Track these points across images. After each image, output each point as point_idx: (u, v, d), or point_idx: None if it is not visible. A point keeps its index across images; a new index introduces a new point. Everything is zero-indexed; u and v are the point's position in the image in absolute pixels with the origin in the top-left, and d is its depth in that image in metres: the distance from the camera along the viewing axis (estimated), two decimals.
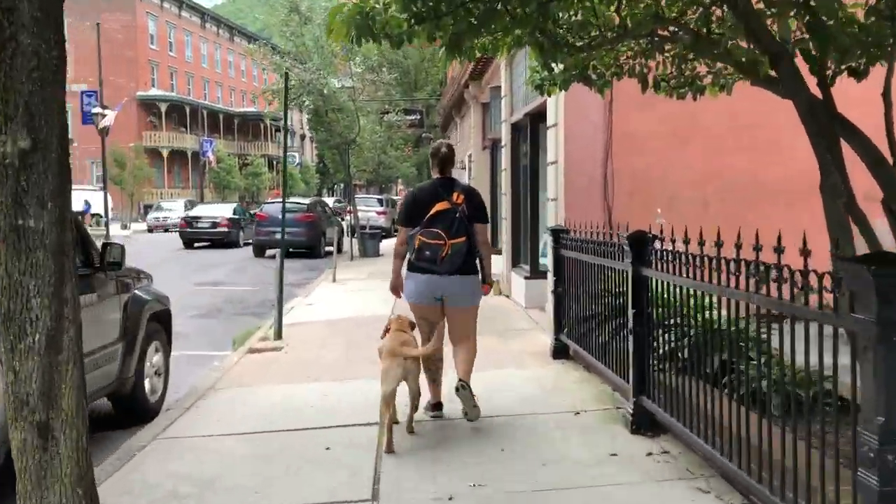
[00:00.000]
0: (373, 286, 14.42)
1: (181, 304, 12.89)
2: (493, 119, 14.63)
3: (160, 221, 42.88)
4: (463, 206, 5.26)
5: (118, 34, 55.52)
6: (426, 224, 5.18)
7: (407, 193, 6.19)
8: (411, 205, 5.41)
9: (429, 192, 5.37)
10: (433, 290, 5.27)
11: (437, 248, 5.12)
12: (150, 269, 7.81)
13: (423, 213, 5.22)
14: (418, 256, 5.20)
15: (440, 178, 5.47)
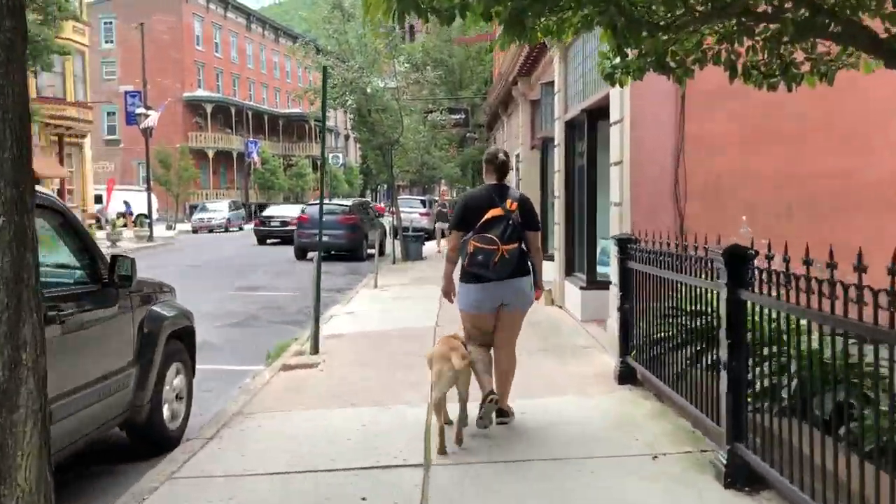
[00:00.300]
0: (416, 293, 13.74)
1: (216, 313, 12.40)
2: (544, 117, 13.84)
3: (204, 222, 42.87)
4: (516, 214, 5.26)
5: (164, 35, 55.88)
6: (479, 229, 5.17)
7: (459, 198, 6.04)
8: (464, 210, 5.38)
9: (482, 198, 5.36)
10: (492, 298, 5.32)
11: (490, 252, 5.10)
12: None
13: (476, 219, 5.22)
14: (471, 261, 5.19)
15: (494, 184, 5.43)
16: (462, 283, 5.41)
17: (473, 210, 5.28)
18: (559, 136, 11.00)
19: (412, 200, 35.26)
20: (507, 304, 5.37)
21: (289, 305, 13.43)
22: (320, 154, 8.89)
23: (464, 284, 5.38)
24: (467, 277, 5.34)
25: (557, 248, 11.11)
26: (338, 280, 17.42)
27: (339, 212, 22.35)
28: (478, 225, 5.18)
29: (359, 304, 12.63)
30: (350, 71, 19.53)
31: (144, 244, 29.25)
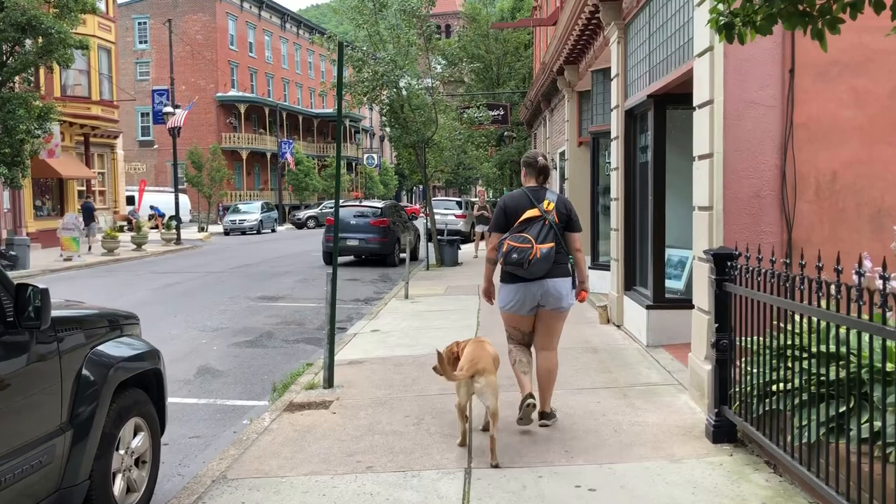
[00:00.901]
0: (451, 305, 12.30)
1: (229, 328, 11.10)
2: (595, 109, 12.31)
3: (236, 224, 41.96)
4: (553, 214, 5.38)
5: (198, 35, 55.26)
6: (516, 230, 5.33)
7: (499, 201, 5.93)
8: (502, 212, 5.49)
9: (519, 200, 5.47)
10: (530, 297, 5.38)
11: (524, 251, 5.21)
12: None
13: (513, 220, 5.37)
14: (506, 260, 5.28)
15: (532, 186, 5.54)
16: (501, 284, 5.51)
17: (512, 212, 5.41)
18: (617, 128, 9.47)
19: (447, 202, 33.78)
20: (545, 304, 5.40)
21: (311, 319, 12.08)
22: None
23: (503, 285, 5.49)
24: (505, 277, 5.46)
25: (615, 258, 9.58)
26: (366, 289, 16.07)
27: (369, 214, 21.00)
28: (515, 225, 5.34)
29: (386, 319, 11.23)
30: (381, 63, 18.16)
31: (171, 248, 28.24)
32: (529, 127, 25.19)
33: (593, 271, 12.36)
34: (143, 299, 14.36)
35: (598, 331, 9.54)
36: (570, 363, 7.56)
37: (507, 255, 5.26)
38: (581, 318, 10.62)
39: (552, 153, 18.87)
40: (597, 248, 12.64)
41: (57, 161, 25.22)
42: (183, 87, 55.10)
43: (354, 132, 71.62)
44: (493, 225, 5.55)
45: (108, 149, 39.63)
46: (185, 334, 10.72)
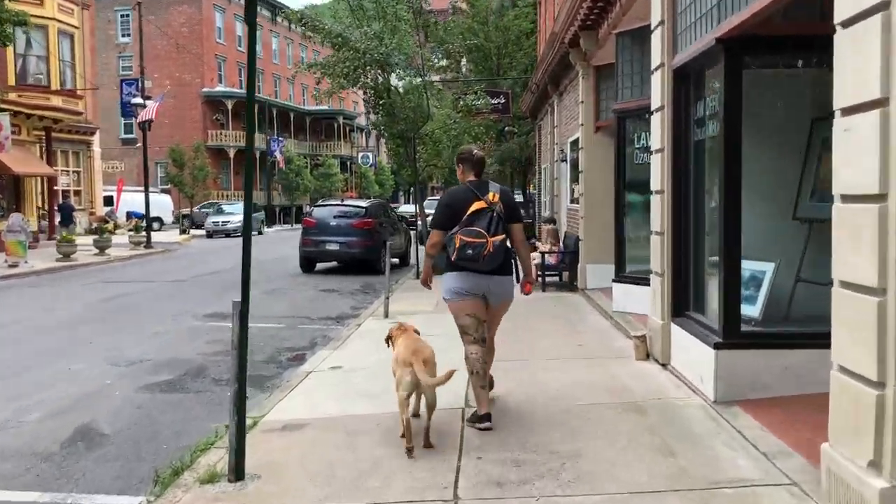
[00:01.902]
0: (441, 328, 9.79)
1: (153, 360, 8.54)
2: (622, 81, 9.82)
3: (220, 226, 39.42)
4: (499, 206, 5.33)
5: (183, 27, 52.82)
6: (465, 224, 5.24)
7: (441, 197, 5.89)
8: (445, 208, 5.43)
9: (463, 194, 5.41)
10: (478, 286, 5.38)
11: (479, 246, 5.18)
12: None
13: (459, 215, 5.28)
14: (460, 255, 5.23)
15: (473, 180, 5.49)
16: (449, 273, 5.45)
17: (458, 207, 5.32)
18: (661, 95, 6.97)
19: None
20: (492, 300, 5.48)
21: (263, 346, 9.58)
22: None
23: (451, 274, 5.43)
24: (454, 267, 5.38)
25: (658, 272, 7.07)
26: (342, 302, 13.55)
27: (352, 215, 18.49)
28: (463, 219, 5.23)
29: (356, 348, 8.72)
30: (364, 39, 15.67)
31: (139, 252, 25.70)
32: (533, 118, 22.69)
33: (619, 285, 9.86)
34: (71, 317, 11.86)
35: (635, 371, 7.04)
36: (604, 431, 5.12)
37: (461, 251, 5.22)
38: (608, 349, 8.12)
39: (561, 144, 16.38)
40: (622, 256, 10.14)
41: (8, 156, 22.72)
42: (167, 81, 52.68)
43: (349, 130, 69.09)
44: (436, 222, 5.45)
45: (83, 146, 37.14)
46: (89, 371, 8.20)
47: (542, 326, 9.67)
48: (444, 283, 5.54)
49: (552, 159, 18.11)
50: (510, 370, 7.07)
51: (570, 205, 15.07)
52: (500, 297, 5.52)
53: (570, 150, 14.90)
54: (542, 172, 21.99)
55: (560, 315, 10.58)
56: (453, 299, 5.50)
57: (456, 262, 5.33)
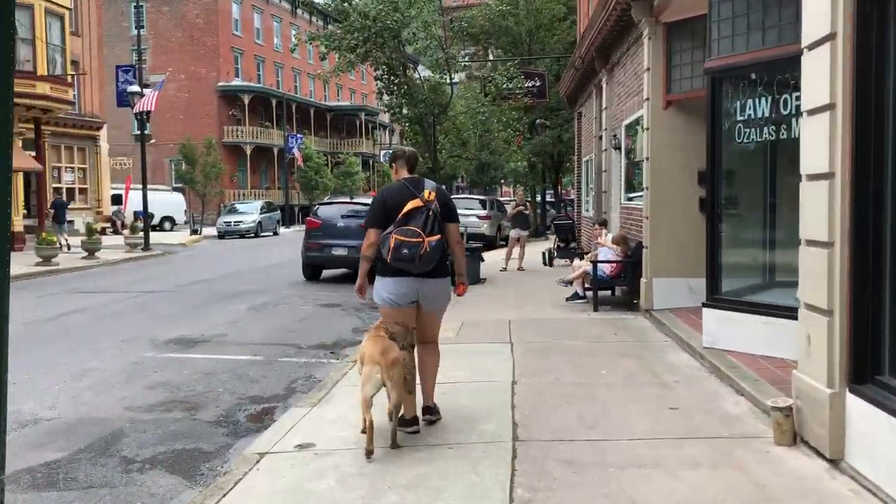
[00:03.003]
0: (465, 367, 7.07)
1: (52, 422, 5.75)
2: (719, 30, 7.02)
3: (232, 226, 37.06)
4: (435, 204, 5.15)
5: (198, 18, 50.58)
6: (400, 223, 5.05)
7: (376, 195, 5.67)
8: (381, 206, 5.20)
9: (399, 192, 5.20)
10: (410, 292, 5.17)
11: (415, 245, 4.98)
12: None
13: (394, 214, 5.08)
14: (396, 256, 5.01)
15: (407, 177, 5.30)
16: (380, 277, 5.21)
17: (393, 205, 5.11)
18: (831, 18, 4.21)
19: (468, 200, 28.53)
20: (425, 302, 5.27)
21: (220, 394, 6.96)
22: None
23: (384, 278, 5.18)
24: (387, 271, 5.14)
25: (824, 307, 4.29)
26: (343, 323, 10.88)
27: (363, 214, 15.77)
28: (398, 218, 5.03)
29: (346, 403, 6.02)
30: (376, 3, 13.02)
31: (133, 255, 23.29)
32: (572, 104, 19.89)
33: (713, 311, 7.11)
34: None
35: (788, 474, 4.25)
36: None
37: (396, 251, 4.97)
38: (720, 419, 5.36)
39: (612, 128, 13.60)
40: (717, 270, 7.33)
41: None
42: (182, 76, 50.55)
43: (371, 127, 66.59)
44: (370, 220, 5.21)
45: (88, 141, 34.95)
46: None
47: (609, 373, 6.92)
48: (376, 288, 5.25)
49: (598, 149, 15.33)
50: (581, 471, 4.35)
51: (624, 202, 12.31)
52: (434, 301, 5.33)
53: (626, 133, 12.14)
54: (583, 166, 19.19)
55: (629, 351, 7.82)
56: (385, 305, 5.24)
57: (390, 265, 5.07)
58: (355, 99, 67.86)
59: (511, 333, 8.98)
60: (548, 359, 7.52)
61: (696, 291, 9.54)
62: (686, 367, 7.01)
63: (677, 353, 7.69)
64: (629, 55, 11.71)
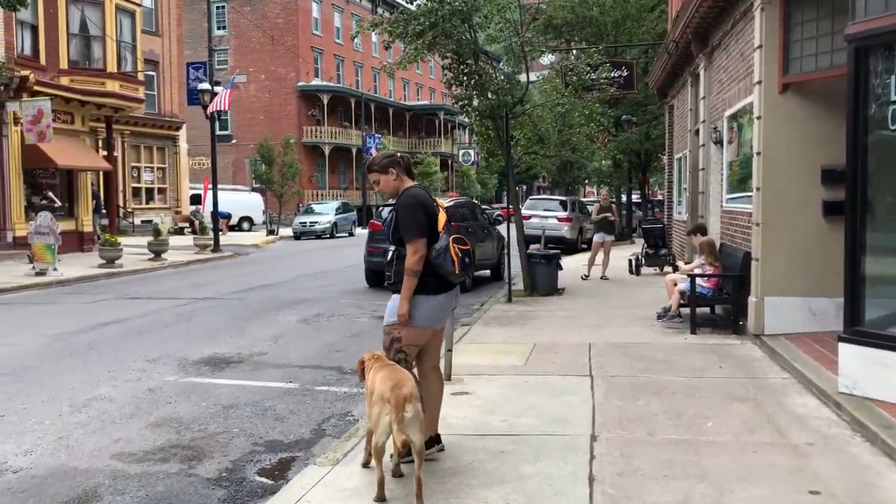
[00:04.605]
0: (531, 407, 5.64)
1: (18, 476, 4.69)
2: None
3: (307, 227, 36.53)
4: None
5: (278, 18, 50.46)
6: (452, 231, 4.66)
7: (412, 199, 4.61)
8: (423, 212, 4.56)
9: (430, 198, 4.74)
10: (450, 307, 4.83)
11: (469, 253, 4.64)
12: None
13: (435, 221, 4.59)
14: (462, 267, 4.54)
15: (418, 183, 4.87)
16: (425, 296, 4.54)
17: (430, 212, 4.60)
18: None
19: (548, 201, 27.00)
20: (448, 318, 5.14)
21: (235, 435, 5.77)
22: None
23: (429, 296, 4.56)
24: (435, 287, 4.56)
25: None
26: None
27: None
28: (442, 226, 4.61)
29: (363, 480, 4.70)
30: None
31: (202, 256, 22.65)
32: (662, 96, 18.14)
33: (854, 347, 5.53)
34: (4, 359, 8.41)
35: None
36: None
37: (461, 262, 4.53)
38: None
39: (711, 121, 11.91)
40: (858, 293, 5.64)
41: (52, 146, 19.98)
42: (262, 76, 50.56)
43: (451, 127, 65.50)
44: (419, 229, 4.49)
45: (168, 141, 34.97)
46: None
47: (717, 425, 5.38)
48: (419, 305, 4.50)
49: (694, 145, 13.63)
50: None
51: (727, 205, 10.63)
52: (452, 312, 5.05)
53: (727, 126, 10.46)
54: (674, 164, 17.43)
55: (739, 392, 6.25)
56: (425, 326, 4.61)
57: (437, 280, 4.53)
58: (435, 98, 66.95)
59: (591, 362, 7.51)
60: (637, 401, 6.03)
61: (818, 314, 7.91)
62: (818, 421, 5.41)
63: (803, 396, 6.07)
64: (733, 34, 10.04)
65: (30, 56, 21.02)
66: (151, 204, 34.81)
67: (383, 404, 4.07)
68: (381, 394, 4.11)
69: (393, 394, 4.05)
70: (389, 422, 4.03)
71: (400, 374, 4.31)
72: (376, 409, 4.13)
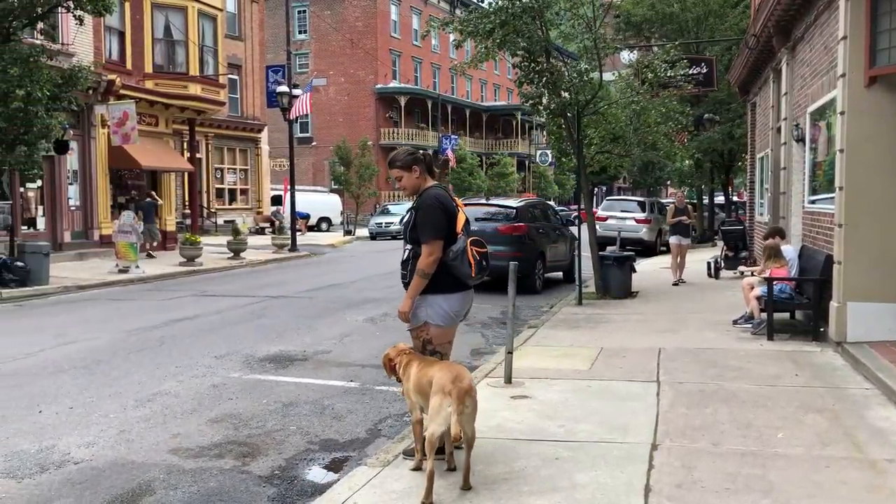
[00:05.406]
0: (593, 412, 5.44)
1: (77, 469, 4.45)
2: None
3: (382, 228, 36.89)
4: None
5: (357, 21, 51.07)
6: (470, 233, 4.65)
7: (434, 200, 4.60)
8: (443, 213, 4.56)
9: (449, 199, 4.70)
10: (467, 306, 4.80)
11: (486, 255, 4.64)
12: None
13: (453, 223, 4.58)
14: (479, 270, 4.55)
15: (438, 183, 4.79)
16: (442, 294, 4.59)
17: (451, 214, 4.60)
18: None
19: (625, 202, 26.48)
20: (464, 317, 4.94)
21: (292, 433, 5.78)
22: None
23: (446, 294, 4.60)
24: (452, 286, 4.60)
25: None
26: (462, 341, 9.31)
27: (499, 217, 14.43)
28: (461, 227, 4.59)
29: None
30: None
31: (279, 256, 23.08)
32: (744, 93, 17.50)
33: None
34: (78, 353, 8.68)
35: None
36: None
37: (478, 265, 4.54)
38: None
39: (793, 118, 11.40)
40: None
41: (137, 148, 20.68)
42: (342, 78, 51.31)
43: (528, 127, 65.05)
44: (437, 230, 4.49)
45: (250, 143, 35.83)
46: None
47: (788, 437, 5.08)
48: (437, 305, 4.57)
49: (775, 143, 13.08)
50: None
51: (808, 206, 10.13)
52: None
53: (811, 123, 9.97)
54: (756, 164, 16.79)
55: (815, 403, 5.89)
56: (448, 324, 4.68)
57: (454, 279, 4.56)
58: (512, 98, 66.61)
59: (660, 368, 7.24)
60: (704, 409, 5.76)
61: None
62: None
63: (886, 409, 5.68)
64: (817, 26, 9.56)
65: (116, 60, 21.80)
66: (234, 204, 35.69)
67: (444, 396, 4.11)
68: (441, 386, 4.15)
69: (455, 386, 4.10)
70: (450, 414, 4.07)
71: (457, 367, 4.37)
72: (436, 401, 4.15)
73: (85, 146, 20.40)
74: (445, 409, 4.10)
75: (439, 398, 4.13)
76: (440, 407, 4.12)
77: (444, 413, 4.10)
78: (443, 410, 4.11)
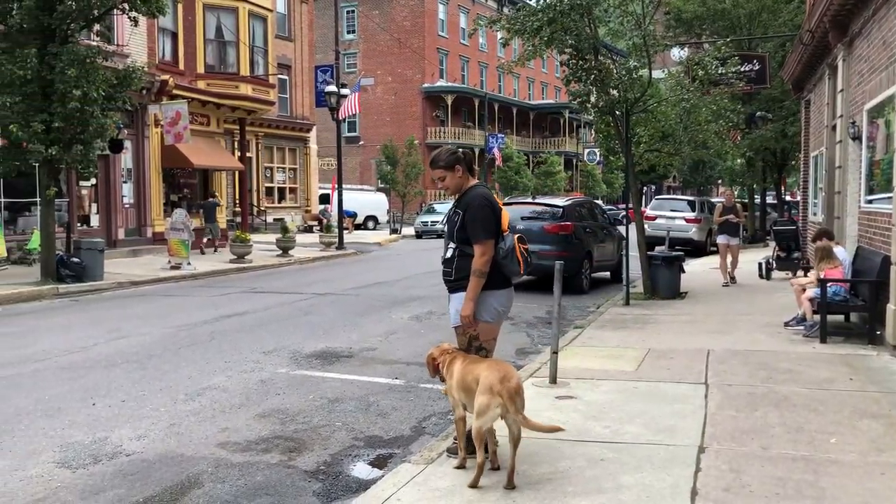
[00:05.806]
0: (646, 405, 5.40)
1: (129, 458, 4.88)
2: None
3: (428, 226, 36.99)
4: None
5: (405, 21, 51.31)
6: (516, 231, 4.69)
7: (484, 199, 4.62)
8: (492, 212, 4.59)
9: (494, 198, 4.74)
10: (511, 301, 4.86)
11: (530, 252, 4.70)
12: None
13: (499, 222, 4.60)
14: (527, 267, 4.58)
15: (480, 181, 4.88)
16: (491, 291, 4.62)
17: (498, 212, 4.63)
18: None
19: (675, 201, 26.09)
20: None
21: (337, 428, 5.83)
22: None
23: (494, 291, 4.64)
24: (500, 282, 4.65)
25: None
26: (506, 340, 9.27)
27: (546, 216, 14.34)
28: (506, 225, 4.62)
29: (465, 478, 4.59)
30: None
31: (326, 254, 23.32)
32: (798, 90, 17.10)
33: None
34: (129, 347, 8.88)
35: None
36: None
37: (526, 263, 4.57)
38: None
39: (849, 115, 11.10)
40: None
41: (190, 147, 21.08)
42: (389, 78, 51.63)
43: (576, 126, 64.60)
44: (490, 231, 4.53)
45: (299, 143, 36.26)
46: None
47: (841, 443, 4.95)
48: (486, 301, 4.59)
49: (830, 141, 12.76)
50: None
51: (865, 205, 9.86)
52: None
53: (868, 119, 9.69)
54: (810, 163, 16.39)
55: (870, 408, 5.73)
56: (495, 320, 4.73)
57: (500, 275, 4.60)
58: (560, 97, 66.21)
59: (708, 370, 7.12)
60: (753, 412, 5.65)
61: None
62: None
63: None
64: (875, 20, 9.29)
65: (169, 61, 22.24)
66: (283, 203, 36.15)
67: (493, 396, 4.14)
68: (489, 385, 4.18)
69: (503, 386, 4.15)
70: (499, 413, 4.14)
71: (505, 365, 4.42)
72: (484, 399, 4.17)
73: (139, 145, 20.87)
74: (494, 409, 4.14)
75: (487, 397, 4.15)
76: (488, 406, 4.14)
77: (493, 413, 4.14)
78: (491, 410, 4.14)
